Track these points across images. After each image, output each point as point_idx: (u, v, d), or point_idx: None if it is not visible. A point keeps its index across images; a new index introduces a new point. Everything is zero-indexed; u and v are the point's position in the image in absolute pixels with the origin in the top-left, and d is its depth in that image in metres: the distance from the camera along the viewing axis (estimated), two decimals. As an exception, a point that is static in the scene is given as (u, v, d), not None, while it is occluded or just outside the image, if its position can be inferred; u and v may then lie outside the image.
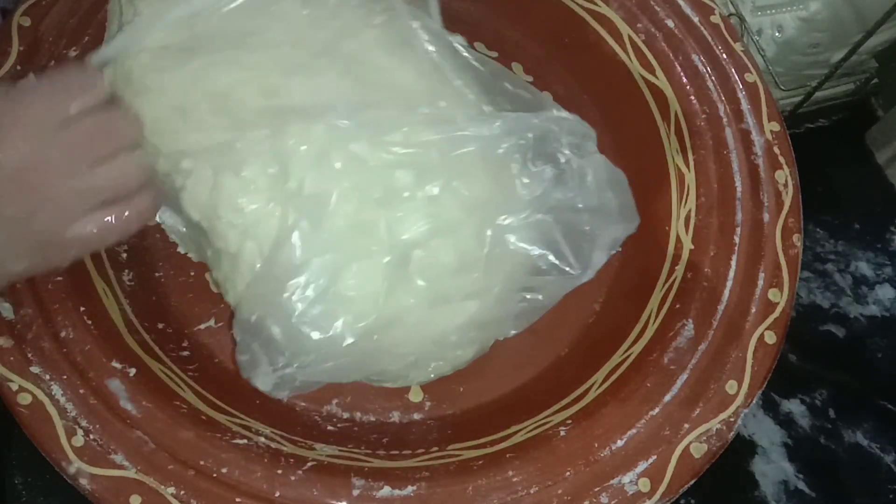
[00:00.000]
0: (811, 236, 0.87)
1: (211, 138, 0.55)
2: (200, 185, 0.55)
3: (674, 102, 0.71)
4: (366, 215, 0.54)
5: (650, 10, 0.73)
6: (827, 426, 0.78)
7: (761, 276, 0.63)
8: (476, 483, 0.56)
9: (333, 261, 0.53)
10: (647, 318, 0.64)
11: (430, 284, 0.55)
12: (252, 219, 0.54)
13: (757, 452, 0.76)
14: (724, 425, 0.58)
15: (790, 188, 0.66)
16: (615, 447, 0.57)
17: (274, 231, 0.54)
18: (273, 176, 0.54)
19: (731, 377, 0.59)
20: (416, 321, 0.56)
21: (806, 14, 0.78)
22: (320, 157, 0.54)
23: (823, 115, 0.95)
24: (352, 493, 0.55)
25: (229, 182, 0.54)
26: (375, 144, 0.54)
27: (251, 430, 0.58)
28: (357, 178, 0.54)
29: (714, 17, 0.72)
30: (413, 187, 0.55)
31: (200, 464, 0.54)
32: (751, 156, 0.67)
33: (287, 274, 0.53)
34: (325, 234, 0.53)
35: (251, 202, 0.54)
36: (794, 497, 0.75)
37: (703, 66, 0.70)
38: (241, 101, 0.56)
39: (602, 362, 0.63)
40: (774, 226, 0.65)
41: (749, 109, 0.69)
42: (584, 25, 0.75)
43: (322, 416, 0.64)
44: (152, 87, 0.56)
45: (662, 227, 0.69)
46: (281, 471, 0.55)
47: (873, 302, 0.85)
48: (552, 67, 0.79)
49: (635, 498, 0.55)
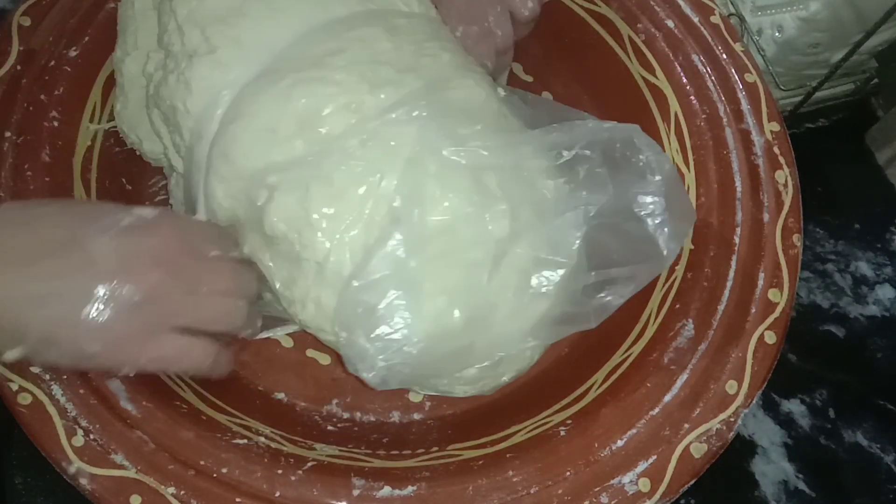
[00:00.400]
0: (811, 236, 0.87)
1: (299, 152, 0.56)
2: (289, 194, 0.55)
3: (674, 102, 0.71)
4: (458, 216, 0.55)
5: (650, 10, 0.73)
6: (827, 426, 0.78)
7: (761, 276, 0.63)
8: (476, 483, 0.55)
9: (428, 258, 0.54)
10: (647, 317, 0.64)
11: (520, 280, 0.56)
12: (344, 225, 0.55)
13: (757, 452, 0.76)
14: (725, 425, 0.58)
15: (790, 188, 0.66)
16: (615, 447, 0.57)
17: (365, 237, 0.55)
18: (365, 182, 0.55)
19: (731, 377, 0.59)
20: (509, 314, 0.57)
21: (806, 14, 0.78)
22: (412, 161, 0.55)
23: (823, 115, 0.95)
24: (352, 493, 0.55)
25: (319, 190, 0.55)
26: (462, 147, 0.55)
27: (251, 430, 0.58)
28: (448, 181, 0.55)
29: (714, 18, 0.72)
30: (496, 189, 0.56)
31: (200, 464, 0.54)
32: (751, 156, 0.67)
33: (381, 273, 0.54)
34: (418, 236, 0.54)
35: (344, 210, 0.55)
36: (794, 497, 0.75)
37: (703, 67, 0.70)
38: (330, 116, 0.56)
39: (602, 362, 0.63)
40: (774, 226, 0.64)
41: (749, 109, 0.69)
42: (584, 26, 0.75)
43: (322, 416, 0.64)
44: (245, 113, 0.57)
45: (663, 226, 0.68)
46: (281, 471, 0.55)
47: (873, 302, 0.85)
48: (552, 67, 0.79)
49: (635, 498, 0.55)
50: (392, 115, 0.56)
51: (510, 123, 0.62)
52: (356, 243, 0.55)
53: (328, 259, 0.55)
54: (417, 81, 0.58)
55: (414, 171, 0.55)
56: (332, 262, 0.55)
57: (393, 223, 0.54)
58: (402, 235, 0.54)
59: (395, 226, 0.54)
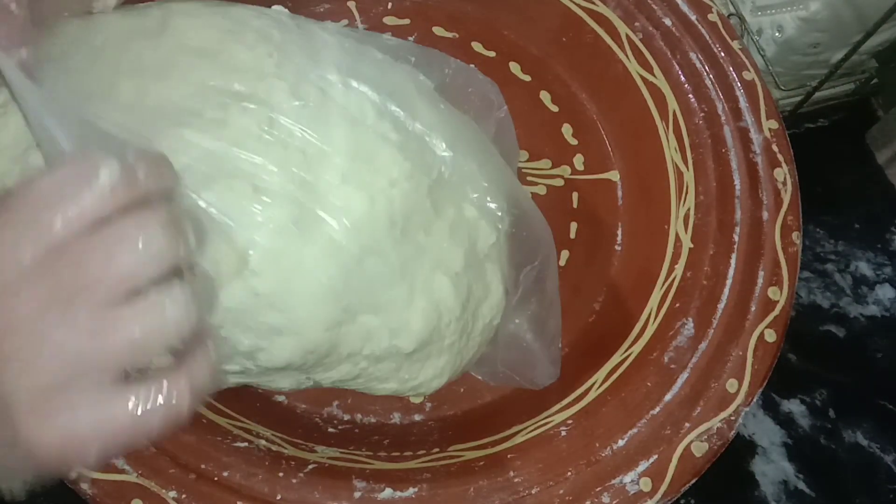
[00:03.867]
0: (811, 236, 0.87)
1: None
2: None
3: (672, 101, 0.71)
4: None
5: (648, 8, 0.73)
6: (827, 426, 0.78)
7: (761, 275, 0.63)
8: (477, 484, 0.55)
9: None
10: (647, 317, 0.64)
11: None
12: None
13: (757, 452, 0.76)
14: (725, 424, 0.57)
15: (789, 186, 0.66)
16: (616, 447, 0.57)
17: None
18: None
19: (731, 376, 0.59)
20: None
21: (806, 14, 0.78)
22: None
23: (823, 115, 0.95)
24: (353, 495, 0.54)
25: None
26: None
27: (252, 434, 0.58)
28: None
29: (711, 16, 0.72)
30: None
31: (202, 467, 0.54)
32: (749, 154, 0.67)
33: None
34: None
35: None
36: (794, 497, 0.75)
37: (701, 65, 0.71)
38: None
39: (602, 362, 0.63)
40: (773, 224, 0.64)
41: (747, 107, 0.69)
42: (581, 24, 0.75)
43: (323, 418, 0.64)
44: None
45: (661, 225, 0.69)
46: (282, 473, 0.55)
47: (873, 302, 0.85)
48: (550, 67, 0.79)
49: (637, 497, 0.55)
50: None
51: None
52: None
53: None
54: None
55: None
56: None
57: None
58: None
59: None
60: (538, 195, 0.73)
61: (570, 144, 0.76)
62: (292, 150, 0.48)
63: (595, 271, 0.71)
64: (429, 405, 0.65)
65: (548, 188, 0.74)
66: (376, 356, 0.53)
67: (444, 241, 0.53)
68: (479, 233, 0.56)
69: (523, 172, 0.74)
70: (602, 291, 0.70)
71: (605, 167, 0.76)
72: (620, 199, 0.74)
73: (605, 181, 0.75)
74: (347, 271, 0.49)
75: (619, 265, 0.71)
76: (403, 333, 0.52)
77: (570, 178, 0.75)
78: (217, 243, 0.46)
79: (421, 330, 0.53)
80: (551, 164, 0.75)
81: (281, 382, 0.55)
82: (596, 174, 0.75)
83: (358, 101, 0.52)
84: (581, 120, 0.77)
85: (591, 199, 0.74)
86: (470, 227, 0.55)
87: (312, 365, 0.52)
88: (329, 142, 0.50)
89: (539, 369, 0.60)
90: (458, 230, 0.54)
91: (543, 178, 0.74)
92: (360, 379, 0.56)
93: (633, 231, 0.72)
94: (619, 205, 0.74)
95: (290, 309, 0.48)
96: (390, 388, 0.57)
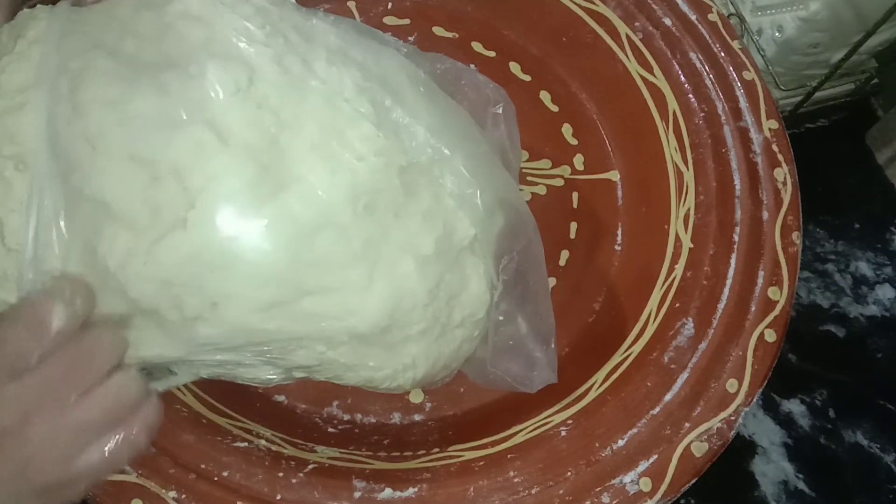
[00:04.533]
0: (811, 236, 0.87)
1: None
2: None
3: (672, 101, 0.71)
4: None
5: (648, 8, 0.73)
6: (827, 426, 0.78)
7: (761, 274, 0.63)
8: (477, 484, 0.56)
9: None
10: (647, 317, 0.64)
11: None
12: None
13: (757, 452, 0.76)
14: (725, 424, 0.57)
15: (789, 186, 0.66)
16: (616, 447, 0.57)
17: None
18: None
19: (731, 376, 0.59)
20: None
21: (806, 14, 0.78)
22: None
23: (823, 115, 0.95)
24: (353, 495, 0.55)
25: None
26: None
27: (252, 434, 0.58)
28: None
29: (711, 16, 0.72)
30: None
31: (201, 467, 0.54)
32: (749, 154, 0.67)
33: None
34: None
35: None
36: (794, 497, 0.75)
37: (701, 65, 0.71)
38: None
39: (602, 362, 0.63)
40: (773, 223, 0.64)
41: (747, 107, 0.69)
42: (581, 24, 0.75)
43: (323, 418, 0.64)
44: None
45: (661, 225, 0.69)
46: (282, 473, 0.55)
47: (873, 302, 0.85)
48: (550, 67, 0.79)
49: (637, 497, 0.55)
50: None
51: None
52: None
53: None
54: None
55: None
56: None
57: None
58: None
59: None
60: (538, 195, 0.73)
61: (570, 144, 0.76)
62: (266, 111, 0.48)
63: (595, 271, 0.71)
64: (429, 405, 0.65)
65: (548, 188, 0.74)
66: (332, 339, 0.51)
67: (414, 225, 0.53)
68: (458, 224, 0.55)
69: (523, 172, 0.74)
70: (602, 291, 0.70)
71: (605, 167, 0.76)
72: (620, 199, 0.74)
73: (605, 181, 0.75)
74: (297, 245, 0.48)
75: (619, 265, 0.71)
76: (358, 315, 0.51)
77: (570, 178, 0.75)
78: (166, 183, 0.45)
79: (377, 311, 0.51)
80: (551, 164, 0.75)
81: (249, 371, 0.54)
82: (596, 174, 0.75)
83: (339, 76, 0.52)
84: (581, 120, 0.77)
85: (591, 199, 0.74)
86: (447, 216, 0.55)
87: (261, 348, 0.51)
88: (303, 110, 0.49)
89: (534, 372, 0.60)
90: (433, 218, 0.54)
91: (543, 178, 0.74)
92: (323, 366, 0.55)
93: (633, 231, 0.72)
94: (619, 205, 0.74)
95: (229, 277, 0.47)
96: (361, 378, 0.56)
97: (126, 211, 0.45)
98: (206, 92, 0.47)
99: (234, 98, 0.48)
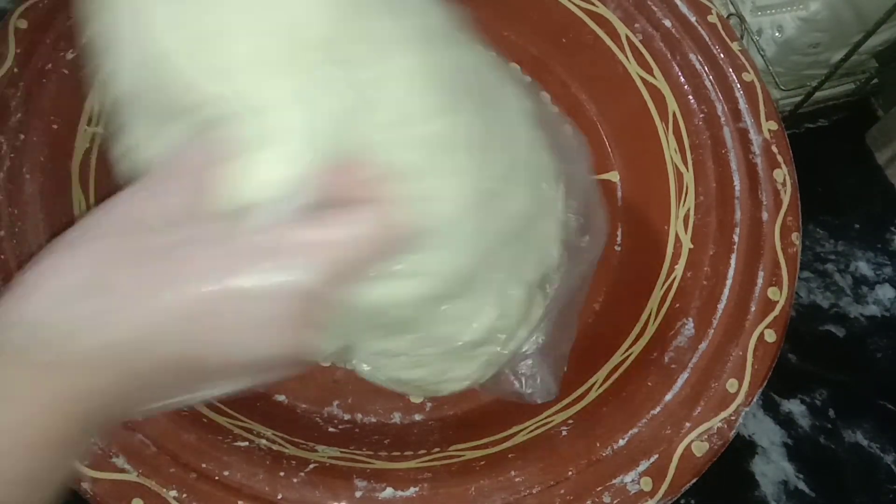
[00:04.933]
0: (811, 236, 0.87)
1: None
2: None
3: (672, 102, 0.71)
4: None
5: (647, 9, 0.73)
6: (827, 426, 0.78)
7: (760, 275, 0.63)
8: (478, 483, 0.55)
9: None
10: (648, 317, 0.64)
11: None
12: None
13: (757, 452, 0.76)
14: (726, 424, 0.58)
15: (788, 187, 0.66)
16: (617, 446, 0.57)
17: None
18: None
19: (731, 375, 0.59)
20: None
21: (806, 14, 0.78)
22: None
23: (823, 115, 0.95)
24: (354, 494, 0.54)
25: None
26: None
27: (253, 433, 0.58)
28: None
29: (711, 17, 0.72)
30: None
31: (202, 467, 0.54)
32: (749, 155, 0.67)
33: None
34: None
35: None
36: (794, 497, 0.75)
37: (701, 66, 0.71)
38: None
39: (603, 362, 0.63)
40: (773, 224, 0.65)
41: (747, 108, 0.69)
42: (581, 26, 0.75)
43: (323, 417, 0.64)
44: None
45: (661, 226, 0.69)
46: (283, 473, 0.55)
47: (873, 302, 0.85)
48: (550, 67, 0.79)
49: (637, 497, 0.55)
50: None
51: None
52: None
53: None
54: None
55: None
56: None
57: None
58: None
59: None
60: (538, 195, 0.73)
61: (570, 145, 0.76)
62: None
63: (595, 271, 0.71)
64: (429, 405, 0.65)
65: (548, 188, 0.74)
66: (432, 338, 0.52)
67: (528, 252, 0.53)
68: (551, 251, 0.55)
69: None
70: (602, 291, 0.70)
71: (605, 167, 0.76)
72: (620, 200, 0.75)
73: (605, 181, 0.75)
74: (489, 209, 0.45)
75: (619, 265, 0.71)
76: (471, 325, 0.51)
77: (570, 178, 0.75)
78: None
79: (483, 329, 0.52)
80: (551, 165, 0.75)
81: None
82: (596, 174, 0.75)
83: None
84: (581, 120, 0.77)
85: (591, 200, 0.74)
86: (548, 243, 0.55)
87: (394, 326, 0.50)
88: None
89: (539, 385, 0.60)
90: (540, 248, 0.54)
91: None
92: (401, 357, 0.54)
93: (633, 231, 0.72)
94: (619, 205, 0.74)
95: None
96: (417, 376, 0.56)
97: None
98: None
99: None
